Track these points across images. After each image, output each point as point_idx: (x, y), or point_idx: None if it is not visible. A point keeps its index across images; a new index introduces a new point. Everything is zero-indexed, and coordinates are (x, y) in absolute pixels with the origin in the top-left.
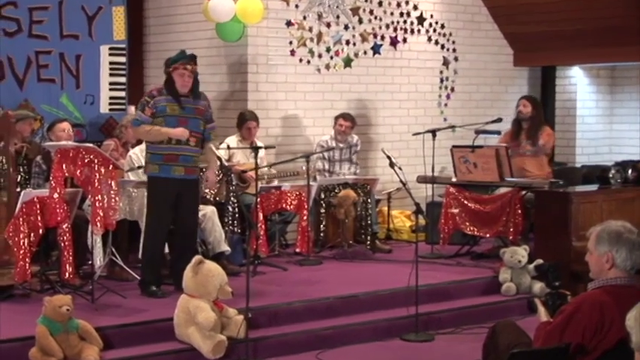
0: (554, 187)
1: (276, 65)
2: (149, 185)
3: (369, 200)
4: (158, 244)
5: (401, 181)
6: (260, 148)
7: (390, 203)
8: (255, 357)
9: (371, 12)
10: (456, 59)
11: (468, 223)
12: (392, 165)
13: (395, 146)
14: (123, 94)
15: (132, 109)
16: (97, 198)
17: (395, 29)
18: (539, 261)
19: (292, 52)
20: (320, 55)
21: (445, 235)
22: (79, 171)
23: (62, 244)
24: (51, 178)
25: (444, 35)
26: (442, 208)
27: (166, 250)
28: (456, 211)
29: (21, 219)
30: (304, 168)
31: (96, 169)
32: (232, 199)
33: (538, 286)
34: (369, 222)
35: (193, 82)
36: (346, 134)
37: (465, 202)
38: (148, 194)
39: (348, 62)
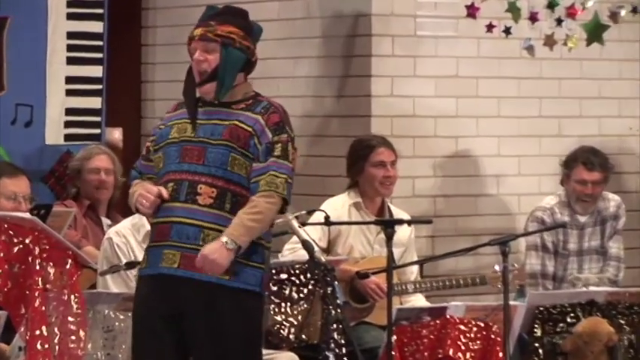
0: None
1: (435, 39)
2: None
3: None
4: None
5: None
6: (399, 222)
7: None
8: None
9: None
10: None
11: None
12: None
13: None
14: (98, 101)
15: (116, 133)
16: (36, 333)
17: None
18: None
19: (470, 12)
20: (533, 19)
21: None
22: None
23: None
24: None
25: None
26: None
27: None
28: None
29: None
30: (497, 268)
31: (37, 268)
32: (336, 335)
33: None
34: None
35: (217, 68)
36: (594, 197)
37: None
38: None
39: (595, 33)
